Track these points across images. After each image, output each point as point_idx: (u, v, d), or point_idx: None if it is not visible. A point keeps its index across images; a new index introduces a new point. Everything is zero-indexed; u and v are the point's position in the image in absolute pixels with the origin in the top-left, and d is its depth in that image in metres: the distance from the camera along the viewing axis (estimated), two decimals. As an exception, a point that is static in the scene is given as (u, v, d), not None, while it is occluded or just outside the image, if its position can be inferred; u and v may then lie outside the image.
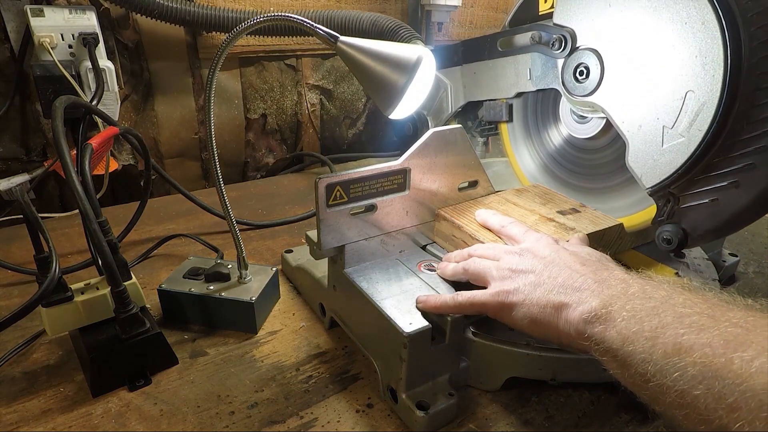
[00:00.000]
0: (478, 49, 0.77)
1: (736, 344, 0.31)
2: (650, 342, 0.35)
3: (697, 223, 0.52)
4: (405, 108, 0.54)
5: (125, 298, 0.50)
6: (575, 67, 0.59)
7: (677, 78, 0.50)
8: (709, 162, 0.50)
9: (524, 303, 0.43)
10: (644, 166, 0.55)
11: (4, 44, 0.83)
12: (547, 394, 0.52)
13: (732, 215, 0.49)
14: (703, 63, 0.48)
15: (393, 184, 0.54)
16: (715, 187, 0.50)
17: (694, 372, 0.32)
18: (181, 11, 0.87)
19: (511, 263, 0.47)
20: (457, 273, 0.51)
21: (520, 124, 0.80)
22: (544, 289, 0.43)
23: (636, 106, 0.54)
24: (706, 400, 0.31)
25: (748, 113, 0.47)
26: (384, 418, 0.49)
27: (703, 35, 0.48)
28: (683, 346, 0.33)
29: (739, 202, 0.49)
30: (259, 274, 0.63)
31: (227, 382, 0.53)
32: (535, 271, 0.45)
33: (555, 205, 0.62)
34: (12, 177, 0.87)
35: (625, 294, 0.39)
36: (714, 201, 0.50)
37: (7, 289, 0.67)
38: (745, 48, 0.46)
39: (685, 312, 0.35)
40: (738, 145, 0.48)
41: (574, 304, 0.41)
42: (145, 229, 0.83)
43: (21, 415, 0.48)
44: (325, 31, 0.50)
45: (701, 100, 0.49)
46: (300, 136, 1.21)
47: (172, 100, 1.01)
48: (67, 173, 0.47)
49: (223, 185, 0.57)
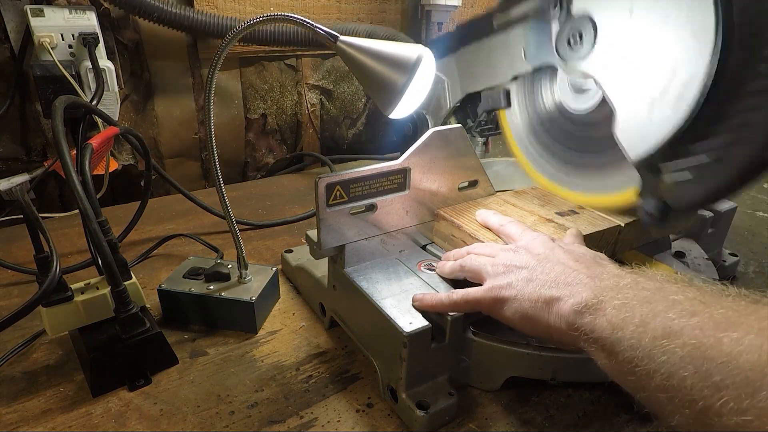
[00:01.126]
0: (473, 30, 0.76)
1: (727, 325, 0.31)
2: (640, 328, 0.35)
3: (680, 196, 0.52)
4: (405, 107, 0.54)
5: (125, 297, 0.50)
6: (569, 34, 0.59)
7: (668, 48, 0.50)
8: (693, 135, 0.50)
9: (516, 298, 0.44)
10: (631, 138, 0.54)
11: (4, 44, 0.83)
12: (547, 394, 0.52)
13: (714, 190, 0.49)
14: (694, 34, 0.48)
15: (393, 183, 0.54)
16: (698, 160, 0.50)
17: (683, 354, 0.31)
18: (180, 16, 0.87)
19: (506, 260, 0.47)
20: (454, 270, 0.51)
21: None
22: (537, 284, 0.43)
23: (626, 75, 0.54)
24: (693, 380, 0.30)
25: (735, 88, 0.46)
26: (384, 418, 0.49)
27: (697, 5, 0.47)
28: (673, 330, 0.33)
29: (720, 177, 0.49)
30: (259, 274, 0.63)
31: (227, 381, 0.53)
32: (529, 267, 0.45)
33: (554, 207, 0.62)
34: (12, 177, 0.87)
35: (617, 286, 0.39)
36: (697, 175, 0.50)
37: (7, 289, 0.67)
38: (736, 21, 0.46)
39: (677, 299, 0.35)
40: (723, 119, 0.48)
41: (566, 297, 0.41)
42: (145, 229, 0.83)
43: (21, 415, 0.48)
44: (325, 31, 0.50)
45: (690, 72, 0.48)
46: (300, 136, 1.21)
47: (172, 100, 1.01)
48: (67, 173, 0.47)
49: (223, 185, 0.57)
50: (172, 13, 0.86)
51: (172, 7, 0.86)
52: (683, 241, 0.69)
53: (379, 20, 1.18)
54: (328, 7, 1.11)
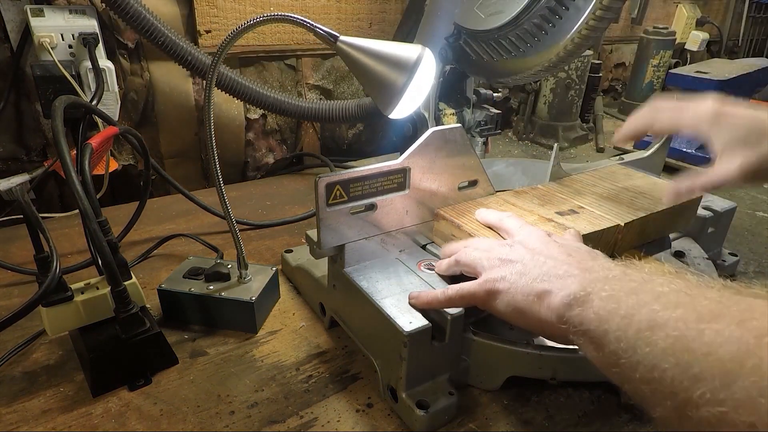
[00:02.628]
0: None
1: (710, 317, 0.31)
2: (625, 320, 0.35)
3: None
4: (405, 107, 0.54)
5: (125, 297, 0.50)
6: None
7: None
8: None
9: (509, 291, 0.44)
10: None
11: (4, 44, 0.83)
12: (547, 393, 0.52)
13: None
14: None
15: (393, 183, 0.54)
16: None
17: (665, 346, 0.31)
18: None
19: (501, 254, 0.47)
20: (450, 266, 0.51)
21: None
22: (529, 278, 0.43)
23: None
24: (674, 372, 0.30)
25: None
26: (384, 418, 0.49)
27: None
28: (657, 322, 0.33)
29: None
30: (259, 274, 0.63)
31: (227, 381, 0.53)
32: (523, 261, 0.45)
33: (553, 206, 0.62)
34: (12, 177, 0.87)
35: (606, 278, 0.40)
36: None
37: (7, 289, 0.67)
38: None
39: (663, 291, 0.35)
40: None
41: (556, 290, 0.41)
42: (145, 229, 0.83)
43: (21, 415, 0.48)
44: (325, 31, 0.50)
45: None
46: (300, 136, 1.21)
47: (172, 100, 1.01)
48: (67, 173, 0.47)
49: (223, 185, 0.57)
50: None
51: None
52: (683, 240, 0.69)
53: (379, 20, 1.18)
54: (328, 7, 1.11)
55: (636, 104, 1.59)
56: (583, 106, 1.40)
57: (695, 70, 1.24)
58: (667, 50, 1.52)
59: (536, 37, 0.69)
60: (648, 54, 1.53)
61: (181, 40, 0.83)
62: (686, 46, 1.81)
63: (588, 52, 1.34)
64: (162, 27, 0.80)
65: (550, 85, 1.34)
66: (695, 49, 1.79)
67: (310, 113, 0.97)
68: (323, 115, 0.97)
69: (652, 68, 1.54)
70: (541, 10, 0.66)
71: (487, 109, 0.84)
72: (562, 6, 0.65)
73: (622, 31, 1.73)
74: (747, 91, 1.28)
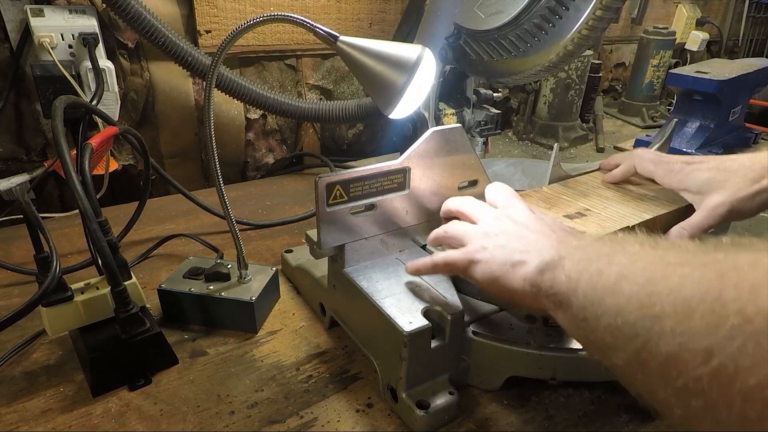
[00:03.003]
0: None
1: (678, 265, 0.30)
2: (595, 277, 0.35)
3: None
4: (405, 108, 0.54)
5: (125, 297, 0.50)
6: None
7: None
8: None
9: (488, 261, 0.45)
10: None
11: (3, 44, 0.83)
12: (547, 393, 0.52)
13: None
14: None
15: (393, 183, 0.54)
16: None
17: (630, 293, 0.31)
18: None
19: (487, 225, 0.48)
20: (438, 235, 0.52)
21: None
22: (509, 249, 0.44)
23: None
24: (637, 315, 0.30)
25: None
26: (384, 418, 0.49)
27: None
28: (624, 274, 0.33)
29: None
30: (259, 274, 0.63)
31: (227, 381, 0.53)
32: (506, 233, 0.46)
33: (560, 209, 0.62)
34: (12, 177, 0.87)
35: (580, 245, 0.40)
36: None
37: (7, 289, 0.67)
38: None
39: (635, 250, 0.35)
40: None
41: (531, 260, 0.42)
42: (145, 229, 0.83)
43: (21, 415, 0.48)
44: (325, 31, 0.50)
45: None
46: (300, 136, 1.21)
47: (172, 100, 1.01)
48: (67, 173, 0.47)
49: (223, 185, 0.57)
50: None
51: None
52: (683, 240, 0.69)
53: (379, 20, 1.18)
54: (328, 7, 1.11)
55: (636, 104, 1.59)
56: (583, 106, 1.40)
57: (695, 70, 1.24)
58: (667, 50, 1.52)
59: (536, 37, 0.69)
60: (648, 54, 1.53)
61: (181, 41, 0.83)
62: (686, 46, 1.81)
63: (588, 52, 1.33)
64: (162, 27, 0.80)
65: (550, 85, 1.34)
66: (695, 49, 1.79)
67: (310, 114, 0.97)
68: (323, 116, 0.97)
69: (652, 68, 1.54)
70: (541, 10, 0.66)
71: (487, 109, 0.84)
72: (562, 6, 0.65)
73: (622, 31, 1.73)
74: (747, 91, 1.28)
